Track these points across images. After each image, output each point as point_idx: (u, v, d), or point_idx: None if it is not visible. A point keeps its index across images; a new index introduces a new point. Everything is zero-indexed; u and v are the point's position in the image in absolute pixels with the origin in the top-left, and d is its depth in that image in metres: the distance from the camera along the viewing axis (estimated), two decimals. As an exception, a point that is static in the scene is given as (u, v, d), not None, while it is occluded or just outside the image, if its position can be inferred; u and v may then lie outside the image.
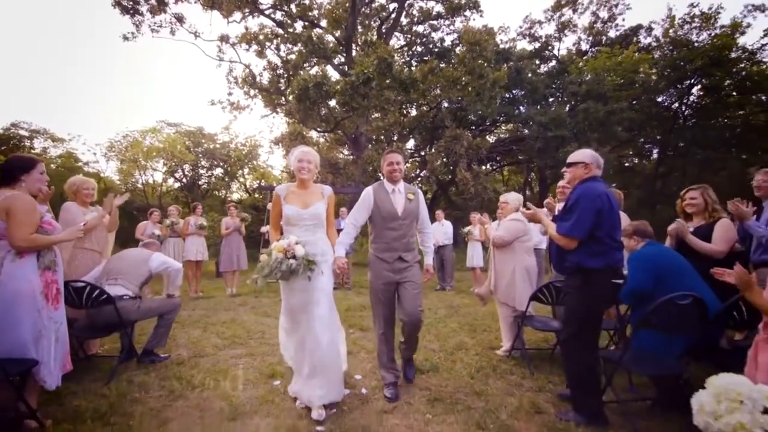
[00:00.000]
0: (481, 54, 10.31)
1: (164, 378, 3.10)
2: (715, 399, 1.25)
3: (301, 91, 10.83)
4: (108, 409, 2.53)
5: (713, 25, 18.10)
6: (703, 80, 17.71)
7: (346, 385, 2.88)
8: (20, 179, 2.19)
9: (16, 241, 2.06)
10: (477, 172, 11.70)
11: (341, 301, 6.03)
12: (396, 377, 2.93)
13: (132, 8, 12.60)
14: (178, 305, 3.62)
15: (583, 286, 2.45)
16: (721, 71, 16.48)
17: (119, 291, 3.21)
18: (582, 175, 2.62)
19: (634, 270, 2.75)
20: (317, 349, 2.57)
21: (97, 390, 2.83)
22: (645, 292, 2.60)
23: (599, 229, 2.40)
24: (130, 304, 3.23)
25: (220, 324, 4.89)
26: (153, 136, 20.64)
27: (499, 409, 2.59)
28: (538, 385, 3.01)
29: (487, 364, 3.49)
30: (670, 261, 2.74)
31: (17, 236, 2.07)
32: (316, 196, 2.87)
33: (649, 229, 2.96)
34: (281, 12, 15.34)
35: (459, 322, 5.10)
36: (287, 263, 2.49)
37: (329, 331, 2.69)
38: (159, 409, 2.57)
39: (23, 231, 2.09)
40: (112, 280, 3.27)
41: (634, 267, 2.76)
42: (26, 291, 2.09)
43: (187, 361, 3.52)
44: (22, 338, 2.11)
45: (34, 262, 2.15)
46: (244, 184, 24.55)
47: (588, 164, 2.57)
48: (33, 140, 18.22)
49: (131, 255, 3.61)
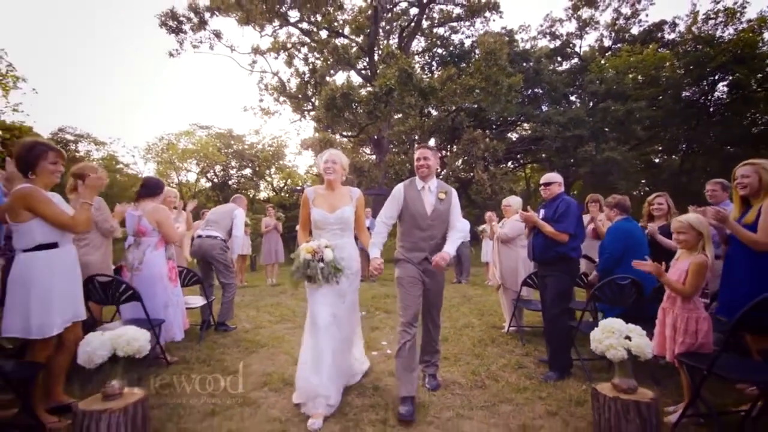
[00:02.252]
0: (496, 62, 10.99)
1: (237, 340, 4.11)
2: (601, 332, 2.05)
3: (328, 101, 11.82)
4: (205, 357, 3.54)
5: (739, 20, 17.88)
6: (727, 77, 17.57)
7: (373, 350, 3.76)
8: (160, 194, 3.22)
9: (173, 239, 3.13)
10: (494, 173, 12.36)
11: (367, 290, 6.94)
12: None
13: (177, 28, 13.95)
14: (235, 284, 4.79)
15: (566, 270, 3.31)
16: (746, 68, 16.35)
17: (213, 233, 4.57)
18: (557, 190, 3.46)
19: (610, 240, 3.51)
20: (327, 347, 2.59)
21: (193, 347, 3.86)
22: (615, 259, 3.37)
23: (578, 227, 3.27)
24: (220, 244, 4.56)
25: (268, 306, 5.91)
26: (187, 138, 22.27)
27: (490, 365, 3.42)
28: (526, 351, 3.82)
29: (488, 338, 4.31)
30: (636, 239, 3.47)
31: (174, 237, 3.18)
32: (344, 199, 2.84)
33: (628, 203, 3.70)
34: (308, 22, 16.40)
35: (470, 308, 5.91)
36: (315, 266, 2.52)
37: (345, 331, 2.75)
38: (241, 358, 3.56)
39: (174, 233, 3.14)
40: (209, 228, 4.64)
41: (612, 237, 3.51)
42: (159, 274, 3.13)
43: (251, 330, 4.54)
44: (157, 306, 3.13)
45: (163, 253, 3.18)
46: (271, 183, 25.87)
47: (560, 183, 3.42)
48: (78, 144, 19.73)
49: (223, 209, 5.04)
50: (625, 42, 21.44)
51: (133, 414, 1.91)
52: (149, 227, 3.05)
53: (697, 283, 2.32)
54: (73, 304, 2.31)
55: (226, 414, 2.47)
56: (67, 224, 2.24)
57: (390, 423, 2.38)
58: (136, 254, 3.01)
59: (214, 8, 14.43)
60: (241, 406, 2.59)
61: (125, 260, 3.08)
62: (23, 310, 2.15)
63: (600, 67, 19.06)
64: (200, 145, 21.73)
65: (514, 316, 4.43)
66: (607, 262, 3.46)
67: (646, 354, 1.96)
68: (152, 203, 3.12)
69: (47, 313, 2.17)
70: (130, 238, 3.11)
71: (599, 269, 3.54)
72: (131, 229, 3.09)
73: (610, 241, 3.55)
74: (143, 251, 3.09)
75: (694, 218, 2.42)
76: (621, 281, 3.00)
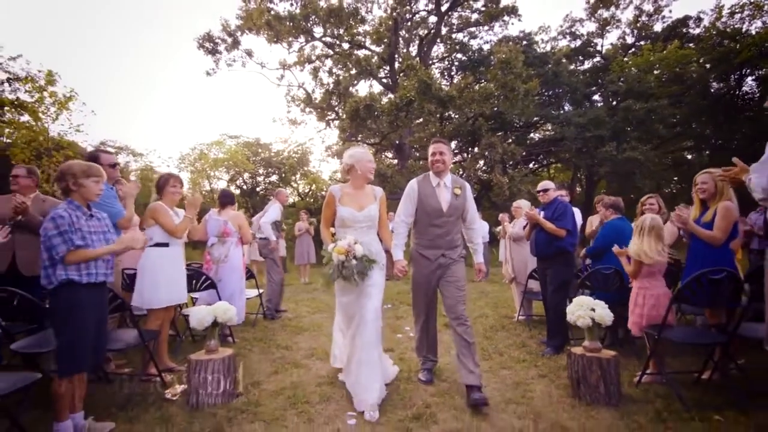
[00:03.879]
0: (512, 71, 11.50)
1: (284, 326, 4.90)
2: (573, 306, 2.66)
3: (353, 112, 12.67)
4: (261, 336, 4.33)
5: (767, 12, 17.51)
6: (755, 71, 17.23)
7: (398, 333, 4.44)
8: (235, 203, 4.08)
9: (248, 239, 4.02)
10: (512, 175, 12.81)
11: (391, 287, 7.62)
12: (431, 365, 3.10)
13: (213, 49, 15.21)
14: (282, 278, 5.62)
15: (565, 263, 3.92)
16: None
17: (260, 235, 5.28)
18: (553, 195, 4.09)
19: (603, 233, 4.04)
20: (367, 344, 2.62)
21: (249, 330, 4.67)
22: (601, 250, 3.94)
23: (573, 225, 3.92)
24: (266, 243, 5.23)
25: (305, 301, 6.72)
26: (217, 148, 23.67)
27: (498, 344, 4.04)
28: (531, 335, 4.40)
29: (500, 325, 4.91)
30: (625, 236, 3.93)
31: (249, 238, 4.06)
32: (370, 198, 2.88)
33: (622, 205, 4.23)
34: (330, 36, 17.37)
35: (486, 302, 6.50)
36: (351, 266, 2.55)
37: (379, 325, 2.76)
38: (291, 337, 4.32)
39: (249, 235, 3.98)
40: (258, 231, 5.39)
41: (605, 231, 4.03)
42: (238, 266, 3.97)
43: (294, 318, 5.33)
44: (234, 291, 3.95)
45: (241, 250, 4.01)
46: (296, 189, 27.05)
47: (555, 188, 4.05)
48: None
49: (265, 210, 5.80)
50: (648, 39, 21.26)
51: (228, 364, 2.68)
52: (232, 229, 3.92)
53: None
54: (175, 289, 3.14)
55: (286, 373, 3.23)
56: (172, 231, 3.06)
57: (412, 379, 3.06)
58: (222, 250, 3.90)
59: (246, 28, 15.62)
60: (297, 368, 3.34)
61: (211, 255, 3.93)
62: (140, 288, 3.02)
63: (621, 66, 19.02)
64: (230, 153, 23.05)
65: (523, 306, 5.01)
66: (595, 248, 4.08)
67: (606, 322, 2.57)
68: (233, 211, 3.98)
69: (156, 291, 3.01)
70: (213, 237, 3.97)
71: (588, 251, 4.19)
72: (216, 230, 3.96)
73: (603, 234, 4.09)
74: (228, 248, 3.96)
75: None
76: (605, 271, 3.57)
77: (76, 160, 2.30)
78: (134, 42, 51.07)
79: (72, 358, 2.06)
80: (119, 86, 49.44)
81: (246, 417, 2.44)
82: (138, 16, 47.70)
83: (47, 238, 1.99)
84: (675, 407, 2.46)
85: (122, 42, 51.61)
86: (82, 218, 2.12)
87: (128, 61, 51.71)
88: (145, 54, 51.62)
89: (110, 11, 51.34)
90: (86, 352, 2.09)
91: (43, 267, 2.03)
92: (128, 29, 50.40)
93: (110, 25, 50.59)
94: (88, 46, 50.35)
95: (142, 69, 51.07)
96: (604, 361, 2.52)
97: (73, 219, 2.05)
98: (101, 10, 51.07)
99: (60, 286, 2.02)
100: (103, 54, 50.88)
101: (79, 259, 2.05)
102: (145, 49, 51.48)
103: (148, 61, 52.58)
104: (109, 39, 51.37)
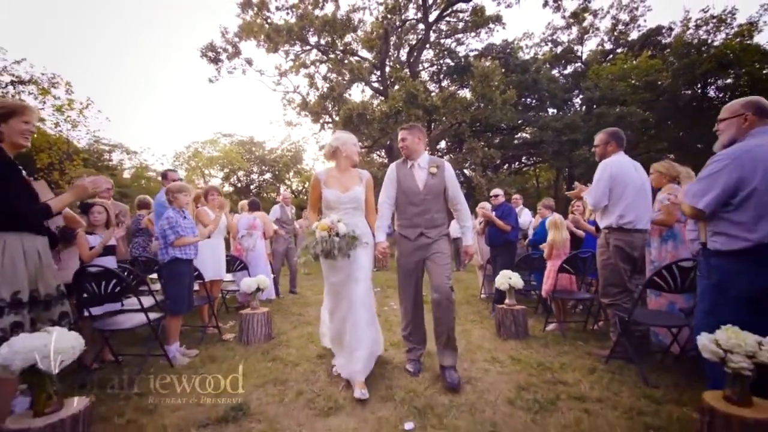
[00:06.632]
0: (489, 84, 12.84)
1: (294, 302, 6.16)
2: (499, 277, 3.97)
3: (346, 118, 13.90)
4: (278, 309, 5.59)
5: (729, 25, 19.05)
6: (717, 81, 18.76)
7: (384, 306, 5.72)
8: (260, 208, 5.31)
9: (270, 233, 5.25)
10: (490, 177, 14.20)
11: (380, 276, 8.92)
12: (419, 353, 3.09)
13: (215, 58, 16.28)
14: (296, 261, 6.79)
15: (509, 251, 5.26)
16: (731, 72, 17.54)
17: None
18: (502, 199, 5.40)
19: (541, 230, 5.33)
20: (357, 323, 2.68)
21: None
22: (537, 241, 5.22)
23: (516, 222, 5.22)
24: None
25: (308, 286, 7.98)
26: (211, 146, 24.43)
27: (460, 313, 5.34)
28: (487, 307, 5.72)
29: (465, 301, 6.22)
30: None
31: (271, 232, 5.29)
32: (355, 179, 2.91)
33: (553, 205, 5.50)
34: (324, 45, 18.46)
35: (458, 286, 7.79)
36: (332, 241, 2.54)
37: (368, 307, 2.80)
38: (301, 309, 5.58)
39: (272, 230, 5.23)
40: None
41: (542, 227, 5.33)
42: (263, 254, 5.22)
43: (300, 298, 6.59)
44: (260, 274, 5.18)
45: (264, 242, 5.26)
46: (290, 187, 27.94)
47: (502, 194, 5.37)
48: (112, 153, 20.97)
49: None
50: (625, 46, 22.71)
51: (268, 317, 3.95)
52: (260, 224, 5.19)
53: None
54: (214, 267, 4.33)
55: (302, 328, 4.50)
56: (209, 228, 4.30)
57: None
58: (251, 241, 5.14)
59: (245, 38, 16.65)
60: (309, 325, 4.61)
61: (241, 245, 5.18)
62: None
63: (597, 73, 20.44)
64: (224, 152, 23.72)
65: (484, 285, 6.35)
66: (533, 241, 5.36)
67: (518, 286, 3.88)
68: (259, 212, 5.26)
69: (204, 270, 4.23)
70: (243, 230, 5.23)
71: (529, 241, 5.48)
72: (246, 225, 5.22)
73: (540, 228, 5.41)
74: (255, 239, 5.21)
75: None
76: (534, 256, 4.89)
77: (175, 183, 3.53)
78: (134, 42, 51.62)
79: (176, 304, 3.31)
80: (119, 86, 50.16)
81: (281, 348, 3.71)
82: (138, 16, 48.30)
83: (163, 231, 3.23)
84: (561, 341, 3.78)
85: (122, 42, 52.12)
86: (180, 218, 3.36)
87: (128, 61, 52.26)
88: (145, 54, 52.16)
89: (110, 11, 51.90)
90: (184, 301, 3.35)
91: (160, 249, 3.28)
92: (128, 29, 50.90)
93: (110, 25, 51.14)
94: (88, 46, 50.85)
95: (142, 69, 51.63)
96: (516, 311, 3.84)
97: (177, 219, 3.30)
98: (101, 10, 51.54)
99: (170, 261, 3.27)
100: (103, 54, 51.36)
101: (181, 244, 3.30)
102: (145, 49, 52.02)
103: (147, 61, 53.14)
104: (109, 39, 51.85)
